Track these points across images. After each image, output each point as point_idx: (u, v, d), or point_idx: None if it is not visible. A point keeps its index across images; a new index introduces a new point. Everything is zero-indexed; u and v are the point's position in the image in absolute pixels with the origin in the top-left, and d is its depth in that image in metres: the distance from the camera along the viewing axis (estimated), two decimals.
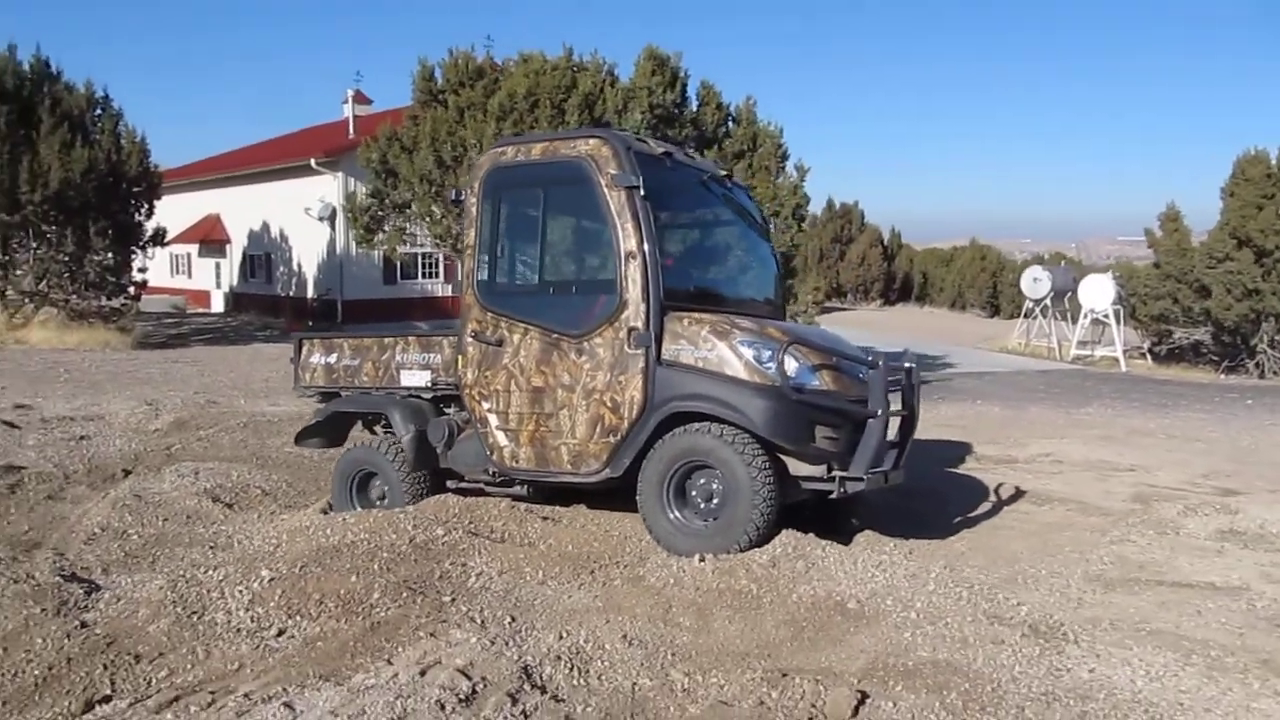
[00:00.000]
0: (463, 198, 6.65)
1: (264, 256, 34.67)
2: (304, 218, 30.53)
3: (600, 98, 15.13)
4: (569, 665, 4.03)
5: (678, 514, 5.68)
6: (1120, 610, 5.11)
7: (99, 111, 22.54)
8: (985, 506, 7.78)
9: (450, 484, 6.84)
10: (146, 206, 23.23)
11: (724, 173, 7.40)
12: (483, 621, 4.52)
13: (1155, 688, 4.08)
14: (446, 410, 6.89)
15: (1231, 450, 11.63)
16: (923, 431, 12.09)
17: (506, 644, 4.16)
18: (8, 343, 19.68)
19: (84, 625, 4.54)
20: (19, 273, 21.65)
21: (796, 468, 5.69)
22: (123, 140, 22.48)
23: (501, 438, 6.25)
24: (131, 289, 23.17)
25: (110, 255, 22.21)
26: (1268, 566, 6.16)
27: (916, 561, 5.45)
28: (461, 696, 3.62)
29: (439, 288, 32.15)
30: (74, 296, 21.84)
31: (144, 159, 22.96)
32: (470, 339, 6.36)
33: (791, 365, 5.62)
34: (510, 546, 5.59)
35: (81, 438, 9.47)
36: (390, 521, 5.70)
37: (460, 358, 6.46)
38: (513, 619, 4.55)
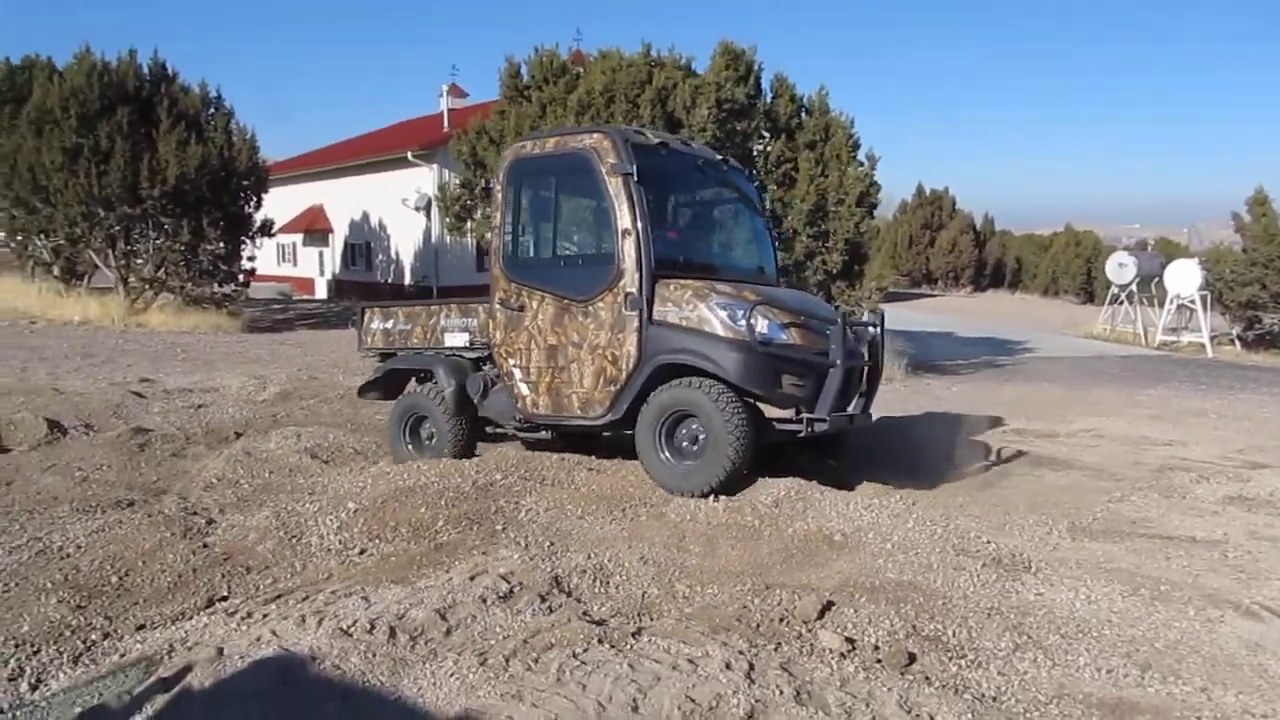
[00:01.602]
0: (493, 186, 7.65)
1: (364, 245, 36.20)
2: (401, 208, 31.87)
3: (672, 93, 15.89)
4: (593, 577, 4.92)
5: (668, 455, 6.60)
6: (1090, 554, 5.71)
7: (212, 110, 23.98)
8: (1001, 469, 8.38)
9: (488, 429, 8.02)
10: (255, 199, 24.56)
11: (719, 158, 8.23)
12: (526, 544, 5.44)
13: (1092, 609, 4.74)
14: (483, 367, 7.94)
15: (1279, 429, 11.87)
16: (974, 408, 12.76)
17: (543, 560, 5.08)
18: (130, 326, 21.23)
19: (205, 545, 5.55)
20: (139, 261, 23.23)
21: (770, 411, 6.60)
22: (234, 137, 23.84)
23: (524, 389, 7.30)
24: (241, 276, 24.64)
25: (222, 245, 23.59)
26: (1259, 527, 6.49)
27: (905, 505, 6.18)
28: (501, 594, 4.54)
29: None
30: (189, 283, 23.32)
31: (253, 154, 24.33)
32: (498, 305, 7.42)
33: (761, 323, 6.49)
34: (557, 489, 6.52)
35: (199, 406, 10.64)
36: (457, 468, 6.70)
37: (490, 322, 7.52)
38: (551, 543, 5.48)
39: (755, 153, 17.36)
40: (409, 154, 30.94)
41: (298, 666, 3.81)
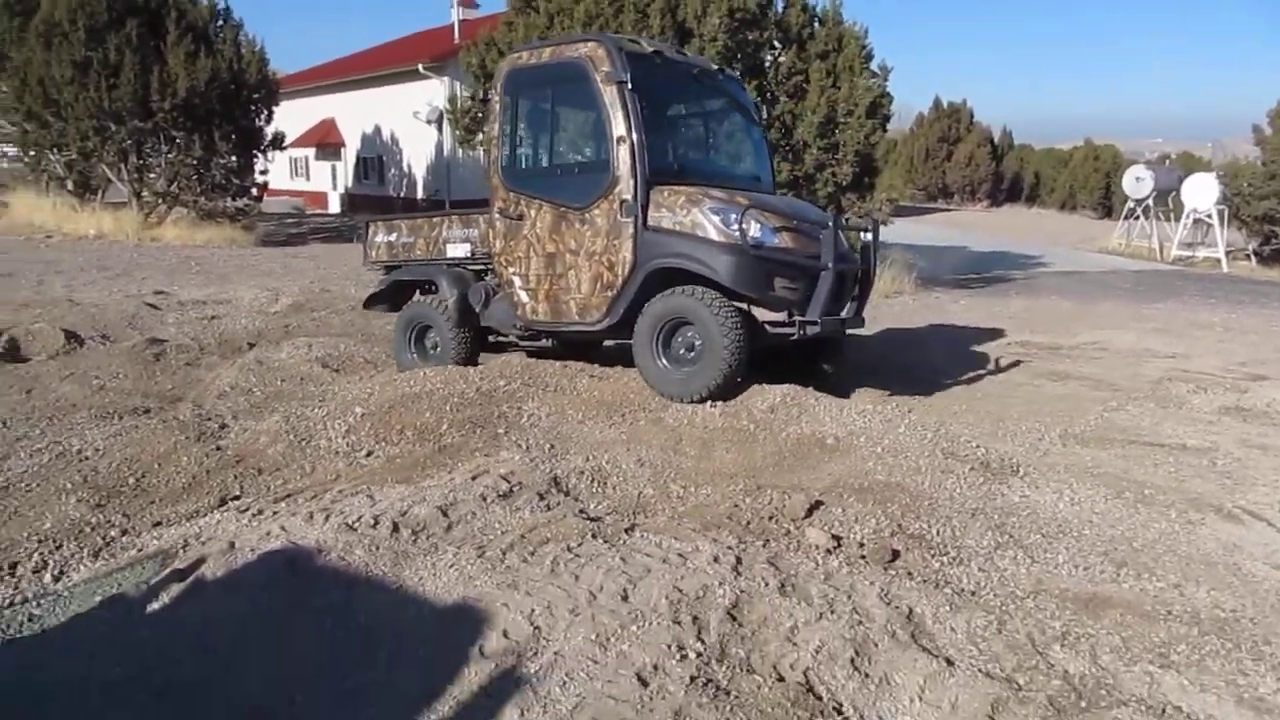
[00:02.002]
0: (490, 97, 7.67)
1: (376, 159, 36.05)
2: (413, 121, 31.68)
3: (683, 2, 15.66)
4: (590, 478, 5.09)
5: (665, 362, 6.73)
6: (1079, 459, 5.85)
7: (221, 23, 23.69)
8: (1001, 379, 8.49)
9: (490, 339, 8.19)
10: (266, 112, 24.38)
11: (715, 67, 8.25)
12: (527, 447, 5.61)
13: (1074, 510, 4.89)
14: (484, 277, 8.08)
15: None
16: (981, 321, 12.82)
17: (543, 462, 5.25)
18: (144, 240, 21.31)
19: (218, 449, 5.74)
20: (152, 176, 23.21)
21: (762, 315, 6.72)
22: (243, 49, 23.56)
23: (524, 296, 7.43)
24: (254, 190, 24.59)
25: (234, 159, 23.49)
26: (1252, 436, 6.61)
27: (899, 412, 6.32)
28: (501, 493, 4.71)
29: None
30: (202, 198, 23.31)
31: (263, 67, 24.09)
32: (497, 215, 7.52)
33: (754, 226, 6.54)
34: (559, 395, 6.68)
35: (212, 317, 10.82)
36: (462, 374, 6.86)
37: (490, 231, 7.64)
38: (551, 446, 5.64)
39: (766, 64, 17.14)
40: (420, 66, 30.65)
41: (304, 558, 4.00)
